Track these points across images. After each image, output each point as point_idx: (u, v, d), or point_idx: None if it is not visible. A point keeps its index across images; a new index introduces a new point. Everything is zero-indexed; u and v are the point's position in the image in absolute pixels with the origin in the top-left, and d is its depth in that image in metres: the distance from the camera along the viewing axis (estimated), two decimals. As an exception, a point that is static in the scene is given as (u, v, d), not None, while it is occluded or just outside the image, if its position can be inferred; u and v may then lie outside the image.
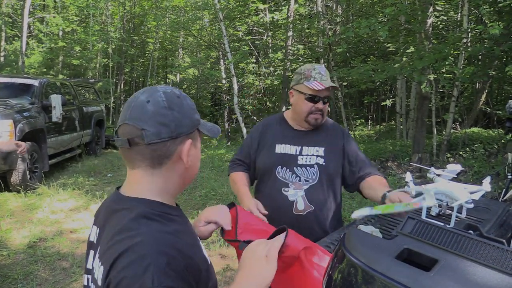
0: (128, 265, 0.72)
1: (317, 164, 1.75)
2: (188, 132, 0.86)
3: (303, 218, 1.72)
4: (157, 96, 0.85)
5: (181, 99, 0.87)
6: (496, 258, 0.81)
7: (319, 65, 1.74)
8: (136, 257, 0.73)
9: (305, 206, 1.72)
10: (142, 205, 0.83)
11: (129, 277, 0.71)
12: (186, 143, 0.86)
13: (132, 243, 0.75)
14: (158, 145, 0.83)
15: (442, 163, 6.51)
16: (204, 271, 0.82)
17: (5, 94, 6.14)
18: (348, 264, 0.82)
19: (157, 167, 0.85)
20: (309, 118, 1.74)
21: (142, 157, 0.84)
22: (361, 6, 10.98)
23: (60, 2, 16.51)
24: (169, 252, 0.75)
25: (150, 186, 0.86)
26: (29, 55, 15.17)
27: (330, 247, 1.38)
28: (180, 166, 0.87)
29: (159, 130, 0.82)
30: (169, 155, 0.85)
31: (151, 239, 0.76)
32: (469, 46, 6.46)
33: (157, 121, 0.82)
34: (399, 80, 9.51)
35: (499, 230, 1.47)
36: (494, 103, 10.13)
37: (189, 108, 0.88)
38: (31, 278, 3.16)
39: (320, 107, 1.72)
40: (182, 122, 0.85)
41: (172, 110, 0.84)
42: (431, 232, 0.93)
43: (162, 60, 21.76)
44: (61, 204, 5.02)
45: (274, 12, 11.67)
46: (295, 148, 1.78)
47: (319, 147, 1.77)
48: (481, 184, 1.54)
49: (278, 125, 1.86)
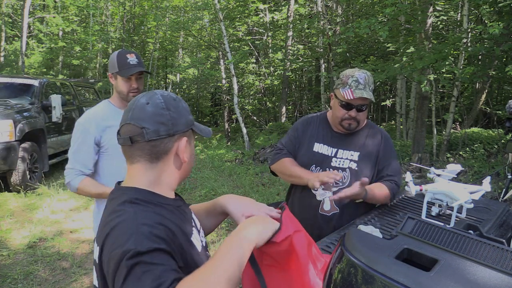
0: (115, 240, 0.82)
1: (350, 168, 1.78)
2: (183, 130, 0.97)
3: (327, 218, 1.77)
4: (155, 99, 0.95)
5: (177, 101, 0.98)
6: (496, 258, 0.81)
7: (360, 73, 1.72)
8: (121, 232, 0.82)
9: (331, 208, 1.77)
10: (130, 192, 0.93)
11: (116, 248, 0.80)
12: (182, 140, 0.97)
13: (118, 221, 0.85)
14: (157, 141, 0.93)
15: (442, 163, 6.51)
16: (188, 253, 0.90)
17: (5, 94, 6.14)
18: (348, 264, 0.82)
19: (154, 162, 0.95)
20: (343, 123, 1.78)
21: (141, 152, 0.94)
22: (361, 6, 10.98)
23: (60, 2, 16.50)
24: (151, 224, 0.83)
25: (143, 178, 0.96)
26: (29, 55, 15.18)
27: (330, 247, 1.38)
28: (177, 161, 0.98)
29: (158, 128, 0.93)
30: (167, 151, 0.95)
31: (134, 216, 0.85)
32: (469, 46, 6.45)
33: (156, 120, 0.93)
34: (399, 80, 9.51)
35: (499, 230, 1.48)
36: (494, 103, 10.13)
37: (184, 109, 0.99)
38: (31, 278, 3.16)
39: (352, 115, 1.74)
40: (178, 121, 0.95)
41: (169, 111, 0.94)
42: (431, 232, 0.93)
43: (162, 60, 21.76)
44: (61, 204, 5.02)
45: (274, 12, 11.68)
46: (331, 149, 1.83)
47: (354, 152, 1.80)
48: (481, 184, 1.54)
49: (319, 124, 1.92)
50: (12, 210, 4.68)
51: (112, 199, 0.95)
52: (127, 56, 1.89)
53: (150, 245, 0.79)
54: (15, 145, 5.08)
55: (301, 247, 1.00)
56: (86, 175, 1.92)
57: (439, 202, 1.59)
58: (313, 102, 13.56)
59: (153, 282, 0.75)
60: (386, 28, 5.79)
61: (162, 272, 0.77)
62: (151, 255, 0.78)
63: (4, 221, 4.31)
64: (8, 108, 5.38)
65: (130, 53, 1.92)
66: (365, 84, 1.70)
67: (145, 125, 0.92)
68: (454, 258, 0.78)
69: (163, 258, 0.80)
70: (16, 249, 3.65)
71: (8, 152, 4.98)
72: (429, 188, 1.56)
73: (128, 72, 1.87)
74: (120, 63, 1.88)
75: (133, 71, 1.87)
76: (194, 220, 1.06)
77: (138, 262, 0.76)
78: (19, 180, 5.21)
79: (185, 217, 1.00)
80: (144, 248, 0.78)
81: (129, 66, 1.88)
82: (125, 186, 0.97)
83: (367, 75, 1.73)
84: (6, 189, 5.31)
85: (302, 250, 1.00)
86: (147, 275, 0.76)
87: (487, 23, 6.30)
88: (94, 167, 1.95)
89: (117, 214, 0.87)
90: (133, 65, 1.88)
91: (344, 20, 10.79)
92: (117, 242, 0.81)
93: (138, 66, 1.90)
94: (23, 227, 4.19)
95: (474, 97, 9.88)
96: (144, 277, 0.75)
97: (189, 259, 0.89)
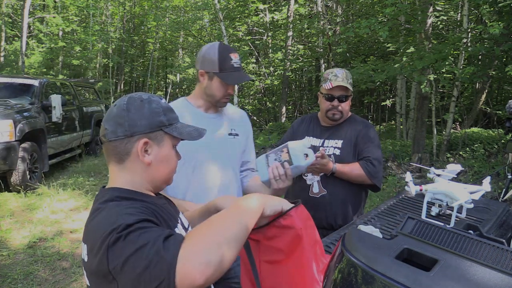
0: (99, 229, 0.81)
1: (334, 154, 2.02)
2: (143, 131, 0.94)
3: (317, 200, 2.01)
4: (122, 100, 0.97)
5: (144, 102, 0.96)
6: (496, 258, 0.81)
7: (338, 69, 2.01)
8: (104, 221, 0.83)
9: (319, 190, 2.01)
10: (112, 192, 0.94)
11: (103, 233, 0.79)
12: (140, 141, 0.94)
13: (100, 216, 0.86)
14: (116, 142, 0.94)
15: (442, 163, 6.51)
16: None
17: (5, 94, 6.13)
18: (348, 264, 0.82)
19: (121, 163, 0.96)
20: (328, 114, 2.04)
21: (108, 153, 0.97)
22: (361, 6, 10.98)
23: (60, 2, 16.50)
24: (134, 212, 0.84)
25: (118, 179, 0.97)
26: (29, 55, 15.17)
27: (330, 247, 1.38)
28: (140, 163, 0.96)
29: (116, 129, 0.94)
30: (128, 152, 0.95)
31: (116, 209, 0.86)
32: (469, 46, 6.45)
33: (115, 121, 0.94)
34: (399, 80, 9.51)
35: (499, 230, 1.48)
36: (494, 103, 10.13)
37: (151, 111, 0.96)
38: (31, 278, 3.15)
39: (335, 104, 2.00)
40: (137, 122, 0.94)
41: (128, 112, 0.94)
42: (431, 232, 0.93)
43: (162, 60, 21.77)
44: (61, 204, 5.01)
45: (274, 12, 11.68)
46: (319, 140, 2.09)
47: (338, 140, 2.05)
48: (481, 184, 1.54)
49: (311, 122, 2.20)
50: (12, 210, 4.68)
51: (96, 200, 0.96)
52: (231, 57, 1.60)
53: (137, 217, 0.79)
54: (15, 145, 5.08)
55: (308, 242, 1.02)
56: None
57: (439, 202, 1.59)
58: (313, 102, 13.56)
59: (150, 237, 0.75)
60: (386, 28, 5.79)
61: (157, 230, 0.78)
62: (142, 223, 0.78)
63: (4, 221, 4.31)
64: (8, 108, 5.38)
65: (233, 51, 1.63)
66: (342, 78, 1.96)
67: (106, 126, 0.95)
68: (454, 258, 0.78)
69: (153, 225, 0.80)
70: (16, 249, 3.65)
71: (8, 152, 4.98)
72: (429, 188, 1.56)
73: (233, 80, 1.60)
74: (222, 62, 1.58)
75: (239, 81, 1.63)
76: (180, 218, 1.07)
77: (131, 230, 0.76)
78: (19, 180, 5.21)
79: (169, 213, 1.01)
80: (131, 220, 0.78)
81: (233, 70, 1.60)
82: (107, 188, 0.98)
83: (345, 71, 2.00)
84: (6, 189, 5.31)
85: (308, 245, 1.02)
86: (143, 235, 0.76)
87: (487, 23, 6.30)
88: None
89: (99, 211, 0.88)
90: (237, 69, 1.61)
91: (344, 20, 10.79)
92: (102, 231, 0.80)
93: (240, 70, 1.64)
94: (23, 227, 4.19)
95: (474, 97, 9.88)
96: (141, 237, 0.75)
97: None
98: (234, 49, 1.66)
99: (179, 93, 21.46)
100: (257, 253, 1.05)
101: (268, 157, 1.55)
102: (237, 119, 1.80)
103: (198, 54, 1.66)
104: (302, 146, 1.52)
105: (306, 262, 1.01)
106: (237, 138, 1.74)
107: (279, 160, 1.51)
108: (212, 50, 1.59)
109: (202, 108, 1.69)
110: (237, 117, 1.81)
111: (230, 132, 1.72)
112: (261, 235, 1.03)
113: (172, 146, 1.00)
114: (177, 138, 1.00)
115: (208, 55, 1.60)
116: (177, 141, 1.02)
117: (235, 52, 1.64)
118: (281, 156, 1.51)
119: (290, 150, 1.50)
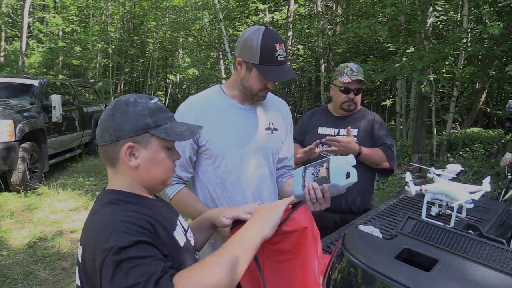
0: (96, 239, 0.83)
1: None
2: (129, 135, 0.94)
3: None
4: (110, 105, 0.98)
5: (129, 106, 0.96)
6: (496, 258, 0.81)
7: (352, 64, 2.16)
8: (101, 231, 0.84)
9: None
10: (111, 194, 0.96)
11: (98, 247, 0.81)
12: (125, 145, 0.94)
13: (97, 221, 0.88)
14: (105, 147, 0.96)
15: (442, 163, 6.51)
16: (168, 246, 0.91)
17: (5, 94, 6.13)
18: (348, 264, 0.82)
19: (113, 166, 0.97)
20: (344, 106, 2.16)
21: (102, 156, 0.99)
22: (361, 6, 10.98)
23: (60, 2, 16.50)
24: (129, 220, 0.85)
25: (116, 181, 0.98)
26: (29, 55, 15.17)
27: (330, 247, 1.38)
28: (128, 167, 0.96)
29: (103, 134, 0.95)
30: (116, 156, 0.95)
31: (111, 215, 0.87)
32: (469, 46, 6.45)
33: (103, 126, 0.96)
34: (399, 80, 9.51)
35: (499, 230, 1.47)
36: (494, 103, 10.13)
37: (135, 114, 0.95)
38: (31, 278, 3.15)
39: (351, 97, 2.13)
40: (122, 126, 0.94)
41: (113, 116, 0.95)
42: (431, 232, 0.93)
43: (162, 60, 21.76)
44: (61, 204, 5.01)
45: (274, 12, 11.66)
46: (334, 130, 2.18)
47: (354, 129, 2.14)
48: (481, 184, 1.54)
49: (322, 113, 2.29)
50: (12, 210, 4.68)
51: (96, 201, 0.97)
52: (276, 47, 1.36)
53: (132, 238, 0.80)
54: (15, 145, 5.08)
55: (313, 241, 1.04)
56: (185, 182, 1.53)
57: (439, 202, 1.59)
58: (313, 102, 13.55)
59: (142, 276, 0.75)
60: (386, 28, 5.79)
61: (150, 264, 0.78)
62: (135, 248, 0.79)
63: (4, 221, 4.31)
64: (8, 108, 5.38)
65: (279, 41, 1.38)
66: (358, 72, 2.12)
67: (97, 130, 0.98)
68: (454, 258, 0.78)
69: (147, 249, 0.80)
70: (16, 249, 3.65)
71: (8, 152, 4.98)
72: (429, 188, 1.56)
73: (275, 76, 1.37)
74: (265, 54, 1.36)
75: (282, 79, 1.39)
76: (180, 221, 1.07)
77: (124, 259, 0.77)
78: (19, 180, 5.21)
79: (167, 216, 1.01)
80: (126, 242, 0.78)
81: (276, 64, 1.37)
82: (106, 189, 0.99)
83: (358, 66, 2.16)
84: (6, 189, 5.31)
85: (312, 244, 1.03)
86: (135, 270, 0.76)
87: (487, 23, 6.29)
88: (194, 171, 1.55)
89: (97, 215, 0.90)
90: (281, 62, 1.38)
91: (344, 20, 10.79)
92: (98, 241, 0.82)
93: (285, 64, 1.41)
94: (23, 227, 4.19)
95: (474, 97, 9.88)
96: (132, 272, 0.76)
97: (169, 253, 0.90)
98: (281, 38, 1.40)
99: (179, 93, 21.47)
100: (260, 255, 1.04)
101: (306, 170, 1.37)
102: (276, 111, 1.61)
103: (239, 37, 1.45)
104: (345, 163, 1.32)
105: (309, 262, 1.02)
106: (275, 133, 1.56)
107: (316, 175, 1.33)
108: (255, 37, 1.37)
109: (237, 99, 1.51)
110: (276, 108, 1.62)
111: (268, 126, 1.54)
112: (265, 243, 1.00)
113: (161, 147, 0.98)
114: (167, 140, 0.98)
115: (250, 42, 1.38)
116: (169, 142, 0.99)
117: (282, 42, 1.39)
118: (320, 171, 1.33)
119: (331, 167, 1.32)
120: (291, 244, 1.03)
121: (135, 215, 0.88)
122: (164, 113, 1.00)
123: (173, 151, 1.02)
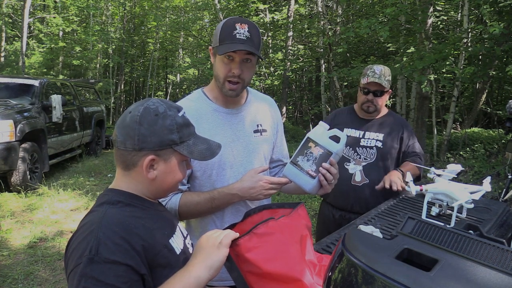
0: (76, 239, 0.85)
1: (376, 146, 2.15)
2: (152, 148, 0.93)
3: (359, 188, 2.15)
4: (137, 111, 0.94)
5: (158, 117, 0.93)
6: (496, 258, 0.81)
7: (378, 66, 2.15)
8: (83, 233, 0.84)
9: (361, 179, 2.15)
10: (113, 194, 0.95)
11: (75, 248, 0.82)
12: (147, 158, 0.93)
13: (84, 222, 0.88)
14: (124, 152, 0.94)
15: (442, 163, 6.51)
16: (161, 256, 0.90)
17: (5, 94, 6.14)
18: (348, 264, 0.82)
19: (126, 170, 0.96)
20: (363, 106, 2.18)
21: (116, 157, 0.97)
22: (361, 6, 10.98)
23: (60, 3, 16.50)
24: (116, 229, 0.84)
25: (123, 183, 0.98)
26: (29, 56, 15.17)
27: (330, 247, 1.38)
28: (144, 176, 0.95)
29: (125, 140, 0.93)
30: (134, 164, 0.94)
31: (101, 218, 0.86)
32: (469, 46, 6.45)
33: (126, 132, 0.93)
34: (399, 80, 9.50)
35: (499, 230, 1.48)
36: (494, 103, 10.13)
37: (163, 128, 0.93)
38: (32, 278, 3.16)
39: (369, 98, 2.14)
40: (147, 138, 0.92)
41: (140, 125, 0.92)
42: (431, 232, 0.93)
43: (162, 60, 21.75)
44: (61, 204, 5.02)
45: (274, 12, 11.66)
46: (359, 132, 2.21)
47: (379, 133, 2.18)
48: (481, 184, 1.54)
49: (347, 114, 2.32)
50: (13, 210, 4.68)
51: (97, 200, 0.97)
52: (236, 26, 1.26)
53: (106, 256, 0.79)
54: (15, 145, 5.08)
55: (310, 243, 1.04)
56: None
57: (439, 202, 1.59)
58: (314, 102, 13.55)
59: None
60: (386, 28, 5.79)
61: None
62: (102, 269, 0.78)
63: (5, 221, 4.31)
64: (8, 108, 5.38)
65: (242, 22, 1.28)
66: (380, 75, 2.08)
67: (117, 133, 0.95)
68: (454, 258, 0.78)
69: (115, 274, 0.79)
70: (16, 249, 3.65)
71: (9, 152, 4.98)
72: (429, 188, 1.56)
73: (227, 48, 1.25)
74: (224, 33, 1.28)
75: (233, 48, 1.24)
76: (179, 227, 1.07)
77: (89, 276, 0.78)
78: (19, 180, 5.22)
79: (168, 218, 1.01)
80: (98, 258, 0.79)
81: (232, 41, 1.25)
82: (109, 188, 0.99)
83: (384, 68, 2.12)
84: (7, 189, 5.31)
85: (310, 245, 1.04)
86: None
87: (488, 23, 6.29)
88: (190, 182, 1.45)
89: (88, 215, 0.91)
90: (239, 40, 1.25)
91: (344, 20, 10.79)
92: (78, 244, 0.83)
93: (247, 42, 1.27)
94: (24, 227, 4.19)
95: (475, 97, 9.88)
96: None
97: (162, 260, 0.89)
98: (247, 20, 1.31)
99: (179, 93, 21.46)
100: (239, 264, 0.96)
101: (297, 163, 1.29)
102: (263, 109, 1.53)
103: None
104: (323, 130, 1.29)
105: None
106: (264, 134, 1.49)
107: (314, 158, 1.27)
108: (221, 23, 1.32)
109: (220, 102, 1.43)
110: (262, 107, 1.53)
111: (256, 128, 1.48)
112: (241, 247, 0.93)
113: (180, 161, 0.98)
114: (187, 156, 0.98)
115: (216, 29, 1.33)
116: (187, 158, 0.99)
117: (245, 23, 1.29)
118: (313, 153, 1.27)
119: (319, 141, 1.27)
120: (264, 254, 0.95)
121: (131, 221, 0.87)
122: (189, 128, 0.99)
123: (187, 163, 1.03)
